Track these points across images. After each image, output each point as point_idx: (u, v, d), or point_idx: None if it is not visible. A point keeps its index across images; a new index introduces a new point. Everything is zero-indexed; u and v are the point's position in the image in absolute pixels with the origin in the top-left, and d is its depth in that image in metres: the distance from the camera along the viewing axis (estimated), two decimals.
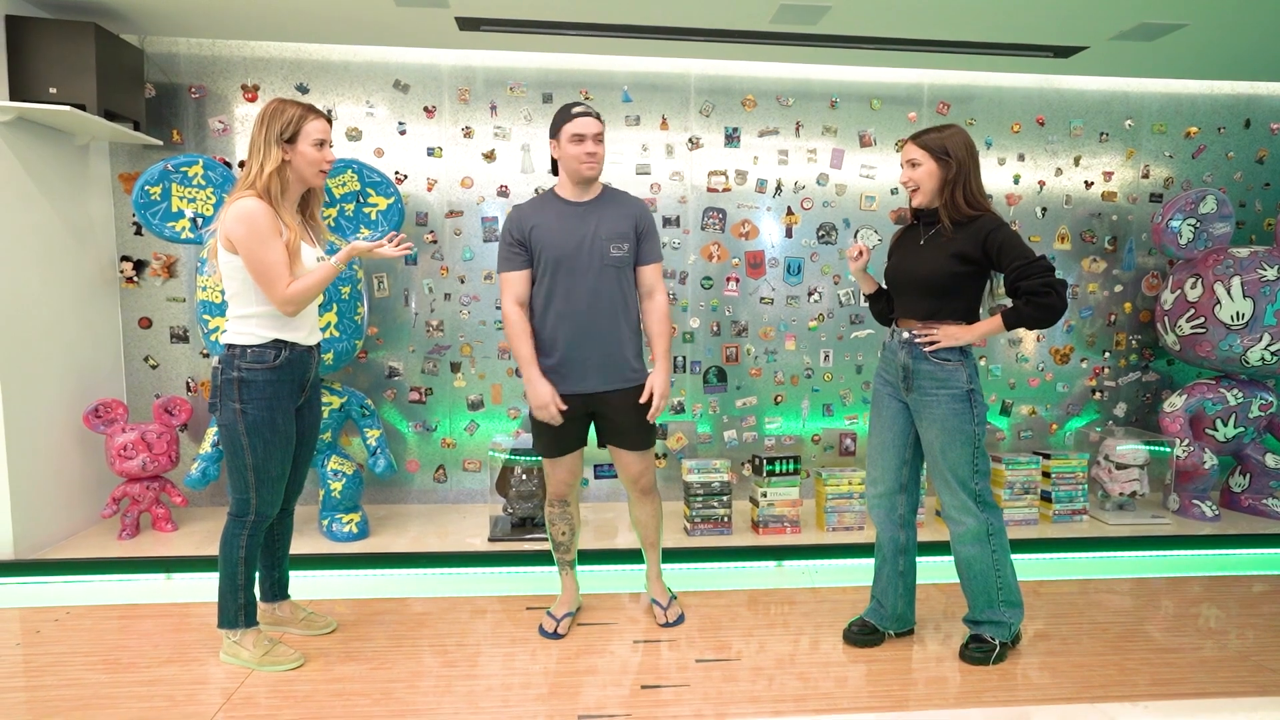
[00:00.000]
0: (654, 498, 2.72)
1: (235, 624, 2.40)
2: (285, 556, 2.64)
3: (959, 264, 2.32)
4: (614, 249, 2.48)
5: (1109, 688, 2.33)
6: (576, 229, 2.46)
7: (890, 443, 2.53)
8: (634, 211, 2.55)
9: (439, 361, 3.95)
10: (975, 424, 2.37)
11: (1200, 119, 4.21)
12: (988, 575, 2.43)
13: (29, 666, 2.43)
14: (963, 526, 2.42)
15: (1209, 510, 3.81)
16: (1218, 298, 3.68)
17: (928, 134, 2.36)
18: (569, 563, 2.76)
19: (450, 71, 3.83)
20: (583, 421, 2.59)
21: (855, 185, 4.07)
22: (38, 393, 3.24)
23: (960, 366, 2.37)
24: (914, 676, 2.40)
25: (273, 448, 2.30)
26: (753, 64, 3.95)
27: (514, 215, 2.51)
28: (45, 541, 3.28)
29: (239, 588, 2.37)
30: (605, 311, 2.49)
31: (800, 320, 4.10)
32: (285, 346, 2.30)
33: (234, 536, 2.35)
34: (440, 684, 2.35)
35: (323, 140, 2.28)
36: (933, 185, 2.36)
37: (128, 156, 3.72)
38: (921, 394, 2.41)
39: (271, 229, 2.18)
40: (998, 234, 2.28)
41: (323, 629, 2.66)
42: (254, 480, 2.30)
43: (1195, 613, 2.90)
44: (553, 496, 2.68)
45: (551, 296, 2.47)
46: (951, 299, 2.37)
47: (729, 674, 2.42)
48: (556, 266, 2.45)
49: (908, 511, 2.57)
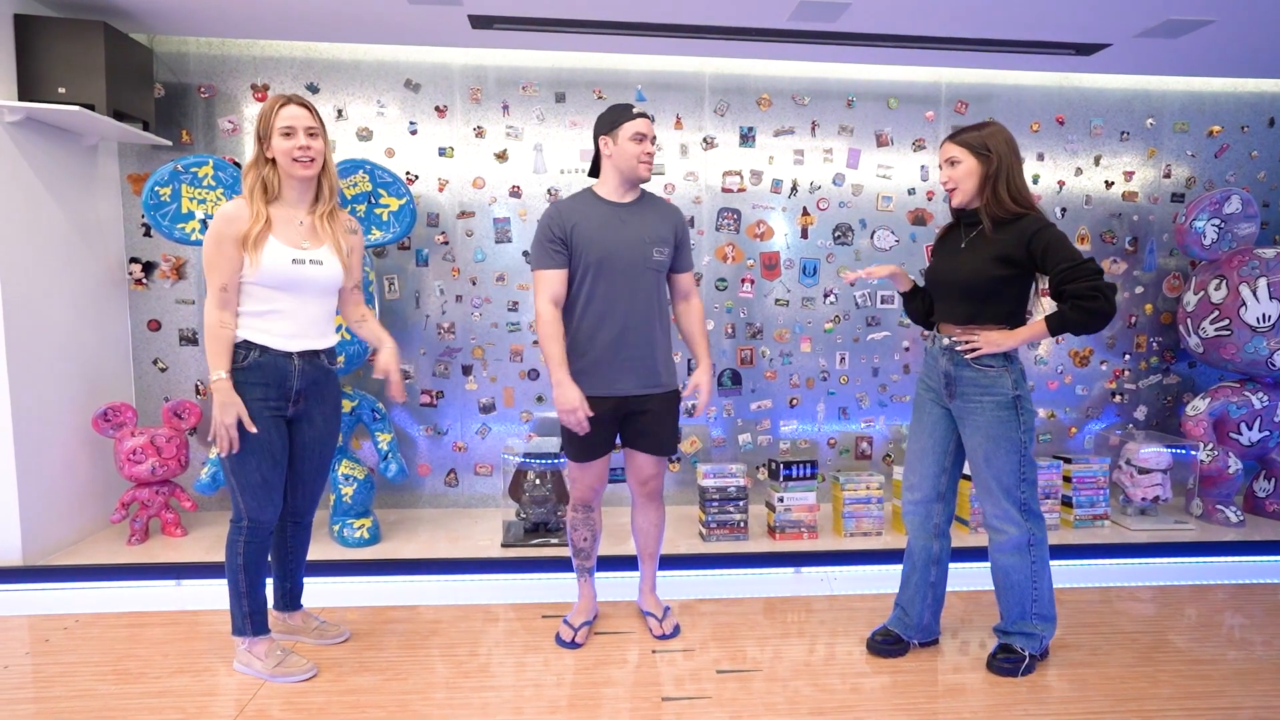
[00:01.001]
0: (659, 504, 2.68)
1: (243, 631, 2.36)
2: (299, 568, 2.59)
3: (1000, 267, 2.25)
4: (656, 253, 2.46)
5: (1142, 701, 2.27)
6: (620, 230, 2.43)
7: (930, 449, 2.46)
8: (675, 219, 2.54)
9: (450, 364, 3.90)
10: (1022, 431, 2.30)
11: (1223, 117, 4.14)
12: (1024, 586, 2.37)
13: (38, 677, 2.39)
14: (1004, 536, 2.36)
15: (1233, 516, 3.74)
16: (1243, 299, 3.61)
17: (966, 132, 2.30)
18: (588, 570, 2.71)
19: (462, 70, 3.78)
20: (612, 425, 2.54)
21: (872, 185, 4.01)
22: (46, 396, 3.20)
23: (1005, 372, 2.30)
24: (940, 688, 2.35)
25: (244, 454, 2.25)
26: (768, 63, 3.89)
27: (554, 212, 2.44)
28: (54, 547, 3.24)
29: (241, 594, 2.33)
30: (642, 315, 2.46)
31: (816, 322, 4.05)
32: (254, 348, 2.25)
33: (232, 543, 2.32)
34: (456, 695, 2.30)
35: (291, 128, 2.20)
36: (973, 184, 2.29)
37: (136, 157, 3.68)
38: (965, 401, 2.34)
39: (225, 234, 2.17)
40: (1043, 234, 2.19)
41: (335, 638, 2.61)
42: (235, 484, 2.28)
43: (1223, 621, 2.83)
44: (576, 501, 2.62)
45: (591, 297, 2.43)
46: (992, 303, 2.30)
47: (750, 685, 2.36)
48: (598, 267, 2.41)
49: (943, 521, 2.50)
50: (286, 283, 2.25)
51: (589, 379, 2.44)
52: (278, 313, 2.26)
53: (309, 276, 2.27)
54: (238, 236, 2.18)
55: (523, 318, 3.91)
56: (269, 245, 2.21)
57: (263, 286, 2.23)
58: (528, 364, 3.93)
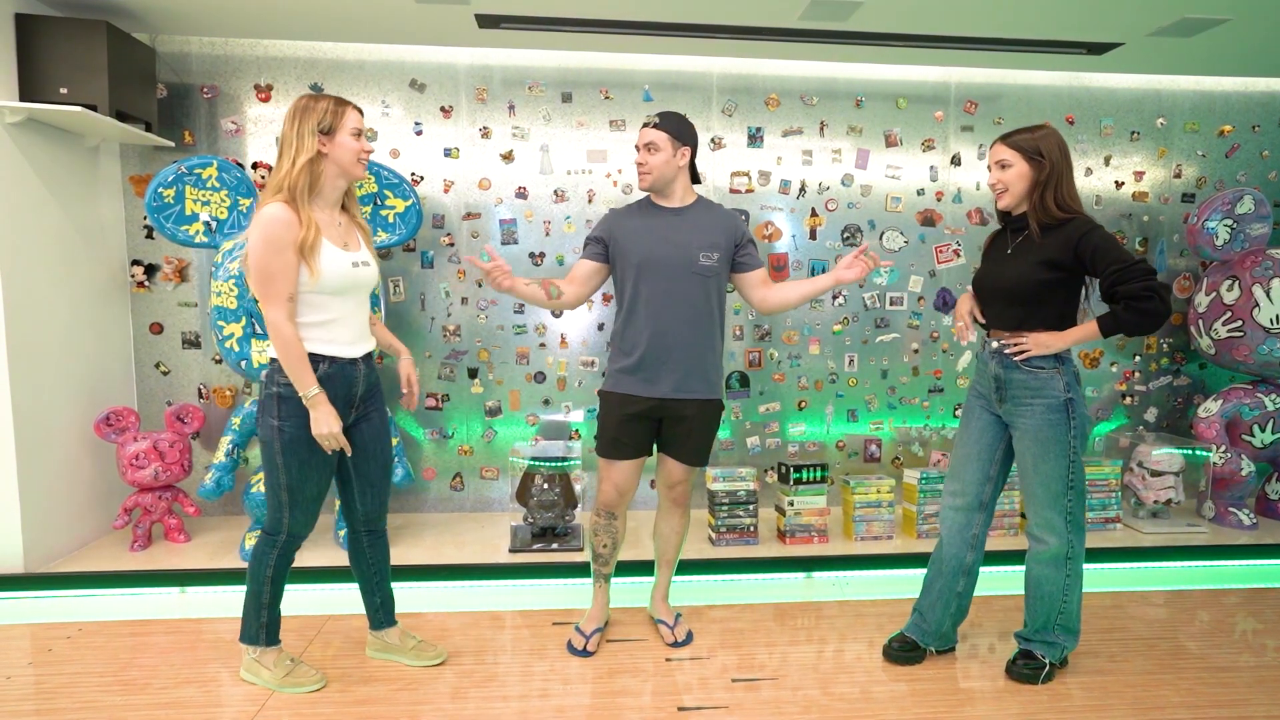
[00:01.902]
0: (685, 511, 2.64)
1: (256, 640, 2.31)
2: (385, 579, 2.50)
3: (1047, 271, 2.21)
4: (703, 257, 2.45)
5: (1167, 710, 2.24)
6: (664, 233, 2.46)
7: (976, 455, 2.42)
8: (730, 223, 2.53)
9: (456, 367, 3.86)
10: (1073, 435, 2.25)
11: (1234, 117, 4.11)
12: (1054, 598, 2.33)
13: (41, 688, 2.34)
14: (1044, 546, 2.31)
15: (1246, 518, 3.71)
16: (1256, 300, 3.58)
17: (1019, 134, 2.27)
18: (605, 576, 2.66)
19: (467, 70, 3.74)
20: (649, 427, 2.50)
21: (881, 186, 3.97)
22: (48, 400, 3.16)
23: (1056, 374, 2.25)
24: (960, 697, 2.31)
25: (309, 468, 2.18)
26: (776, 63, 3.85)
27: (606, 215, 2.60)
28: (56, 553, 3.20)
29: (263, 605, 2.28)
30: (687, 319, 2.44)
31: (825, 324, 4.01)
32: (322, 361, 2.16)
33: (264, 554, 2.25)
34: (466, 705, 2.26)
35: (360, 130, 2.18)
36: (1023, 187, 2.26)
37: (138, 158, 3.64)
38: (1015, 404, 2.30)
39: (285, 240, 2.04)
40: (1091, 237, 2.16)
41: (433, 659, 2.49)
42: (287, 500, 2.20)
43: (1240, 626, 2.80)
44: (601, 505, 2.57)
45: (636, 299, 2.46)
46: (1041, 307, 2.26)
47: (767, 694, 2.33)
48: (641, 269, 2.44)
49: (981, 531, 2.45)
50: (346, 286, 2.17)
51: (629, 378, 2.46)
52: (338, 320, 2.18)
53: (362, 278, 2.22)
54: (295, 242, 2.06)
55: (529, 320, 3.87)
56: (325, 249, 2.12)
57: (322, 294, 2.14)
58: (534, 367, 3.89)
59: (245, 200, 3.19)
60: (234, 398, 3.74)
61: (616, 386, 2.50)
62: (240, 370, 3.15)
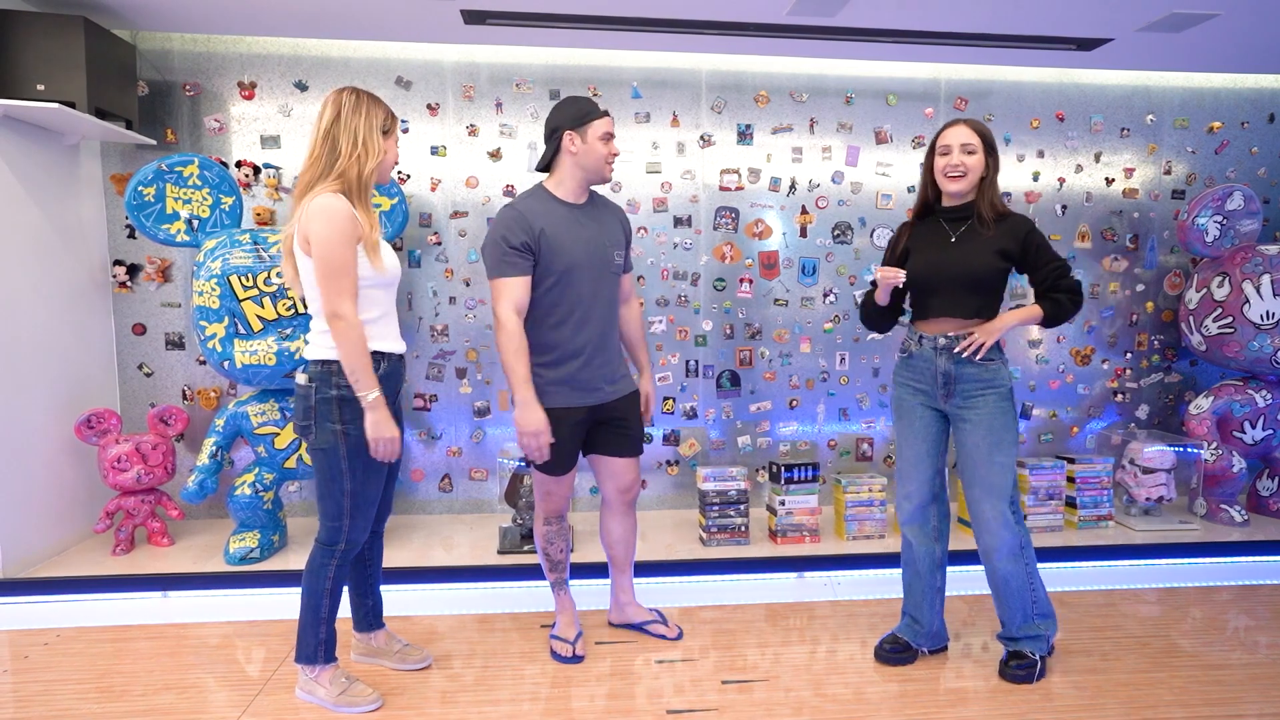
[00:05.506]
0: (634, 511, 2.62)
1: (314, 660, 2.18)
2: (378, 581, 2.45)
3: (1001, 260, 2.27)
4: (616, 255, 2.41)
5: (1160, 708, 2.22)
6: (583, 234, 2.33)
7: (925, 454, 2.40)
8: (622, 218, 2.49)
9: (444, 367, 3.82)
10: (1015, 424, 2.30)
11: (1223, 113, 4.11)
12: (1023, 591, 2.33)
13: (16, 696, 2.29)
14: (1000, 541, 2.29)
15: (1237, 515, 3.71)
16: (1246, 297, 3.58)
17: (976, 122, 2.29)
18: (565, 581, 2.62)
19: (454, 68, 3.70)
20: (583, 432, 2.46)
21: (871, 183, 3.95)
22: (27, 402, 3.10)
23: (1002, 365, 2.31)
24: (952, 698, 2.28)
25: (372, 471, 2.11)
26: (766, 59, 3.83)
27: (515, 216, 2.24)
28: (34, 558, 3.14)
29: (322, 620, 2.16)
30: (610, 320, 2.42)
31: (815, 322, 3.99)
32: (384, 358, 2.10)
33: (322, 566, 2.14)
34: (453, 710, 2.22)
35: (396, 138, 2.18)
36: (976, 177, 2.29)
37: (119, 156, 3.58)
38: (964, 398, 2.29)
39: (352, 233, 1.99)
40: (1035, 233, 2.31)
41: (419, 663, 2.44)
42: (349, 506, 2.11)
43: (1232, 623, 2.79)
44: (550, 514, 2.53)
45: (568, 305, 2.31)
46: (995, 295, 2.31)
47: (758, 696, 2.30)
48: (568, 274, 2.29)
49: (940, 521, 2.46)
50: (397, 281, 2.16)
51: (570, 390, 2.36)
52: (388, 315, 2.15)
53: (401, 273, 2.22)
54: (357, 236, 2.01)
55: None
56: (382, 244, 2.11)
57: (378, 288, 2.09)
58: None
59: (227, 199, 3.14)
60: (219, 399, 3.69)
61: (553, 401, 2.32)
62: (223, 371, 3.10)
